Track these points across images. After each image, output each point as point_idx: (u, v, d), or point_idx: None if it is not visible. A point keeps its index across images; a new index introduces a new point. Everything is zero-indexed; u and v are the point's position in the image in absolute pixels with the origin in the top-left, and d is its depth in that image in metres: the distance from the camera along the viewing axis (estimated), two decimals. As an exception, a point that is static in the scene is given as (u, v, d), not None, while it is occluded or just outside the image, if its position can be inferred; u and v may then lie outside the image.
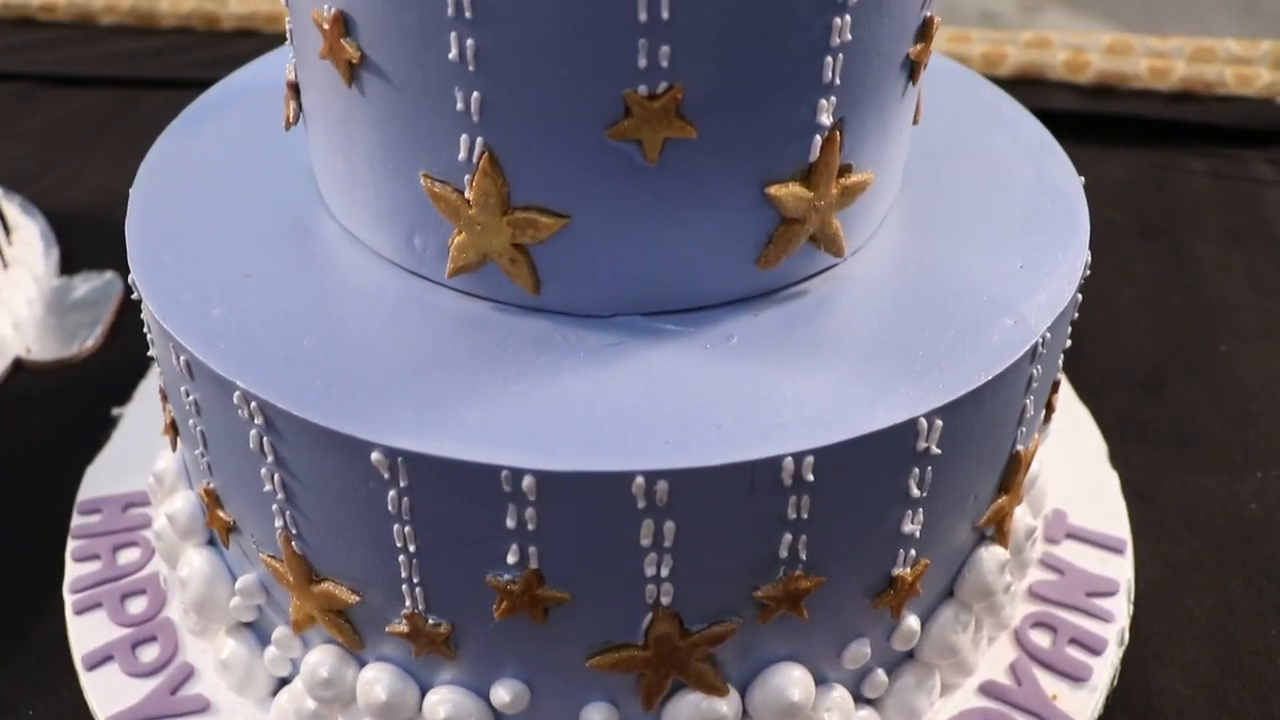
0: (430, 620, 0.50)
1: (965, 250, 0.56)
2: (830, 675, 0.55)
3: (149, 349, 0.78)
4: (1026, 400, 0.53)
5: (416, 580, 0.49)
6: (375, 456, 0.44)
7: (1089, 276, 0.57)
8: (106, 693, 0.62)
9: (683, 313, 0.51)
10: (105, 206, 1.05)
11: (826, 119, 0.47)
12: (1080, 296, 0.57)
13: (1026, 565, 0.66)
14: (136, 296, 0.54)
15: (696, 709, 0.51)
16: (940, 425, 0.47)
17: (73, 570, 0.69)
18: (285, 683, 0.59)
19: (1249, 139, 1.15)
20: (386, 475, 0.45)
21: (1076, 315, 0.57)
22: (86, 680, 0.63)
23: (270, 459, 0.49)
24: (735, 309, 0.51)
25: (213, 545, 0.60)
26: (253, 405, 0.47)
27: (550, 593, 0.47)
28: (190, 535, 0.60)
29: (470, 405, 0.46)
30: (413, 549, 0.47)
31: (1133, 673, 0.65)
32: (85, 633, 0.65)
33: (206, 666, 0.62)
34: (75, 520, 0.72)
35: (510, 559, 0.46)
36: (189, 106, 0.66)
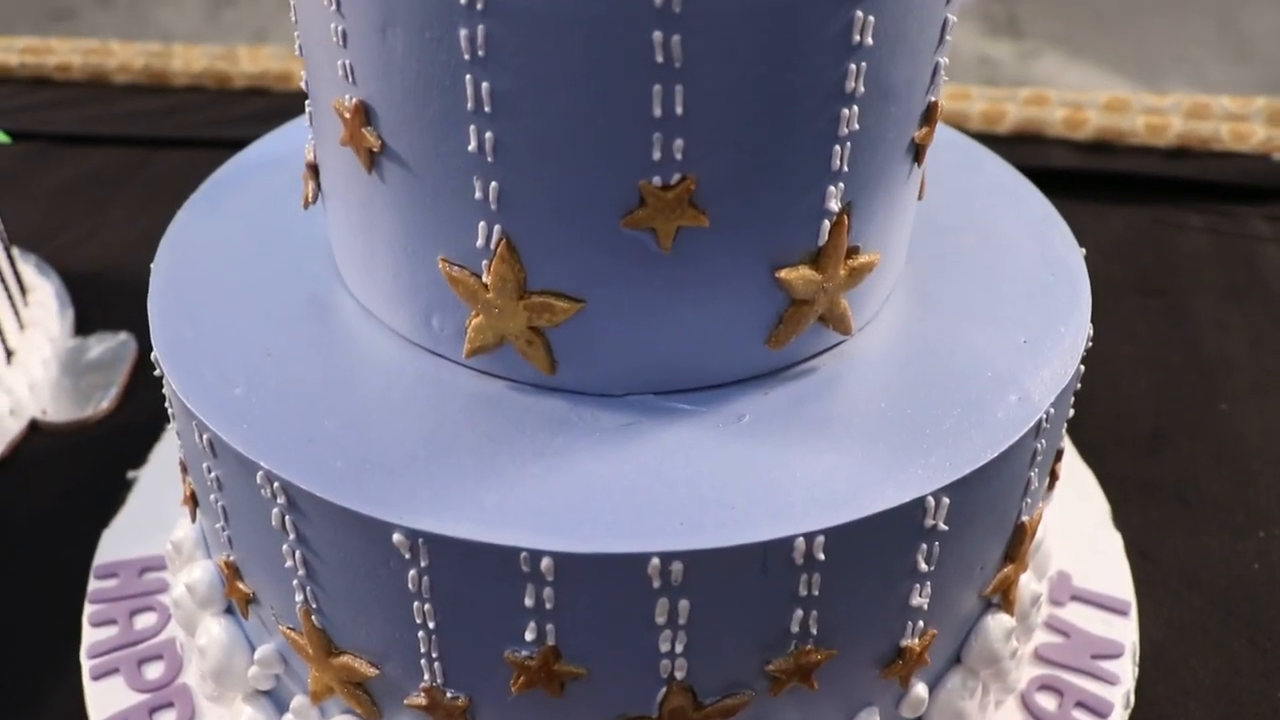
0: (448, 694, 0.51)
1: (969, 325, 0.57)
2: (840, 743, 0.56)
3: (164, 412, 0.79)
4: (1031, 473, 0.55)
5: (435, 655, 0.49)
6: (397, 537, 0.45)
7: (1091, 334, 0.58)
8: (124, 759, 0.63)
9: (695, 391, 0.52)
10: (119, 266, 1.07)
11: (835, 204, 0.49)
12: (1083, 368, 0.58)
13: (1032, 629, 0.67)
14: (159, 373, 0.56)
15: (709, 779, 0.52)
16: (947, 502, 0.48)
17: (90, 635, 0.69)
18: (302, 751, 0.60)
19: (1246, 195, 1.17)
20: (407, 555, 0.46)
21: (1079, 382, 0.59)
22: (105, 746, 0.63)
23: (292, 536, 0.50)
24: (746, 387, 0.52)
25: (231, 614, 0.61)
26: (275, 485, 0.48)
27: (567, 668, 0.48)
28: (209, 604, 0.61)
29: (489, 487, 0.47)
30: (432, 625, 0.48)
31: (1139, 736, 0.66)
32: (103, 698, 0.65)
33: (224, 733, 0.63)
34: (92, 585, 0.73)
35: (528, 635, 0.47)
36: (207, 180, 0.68)
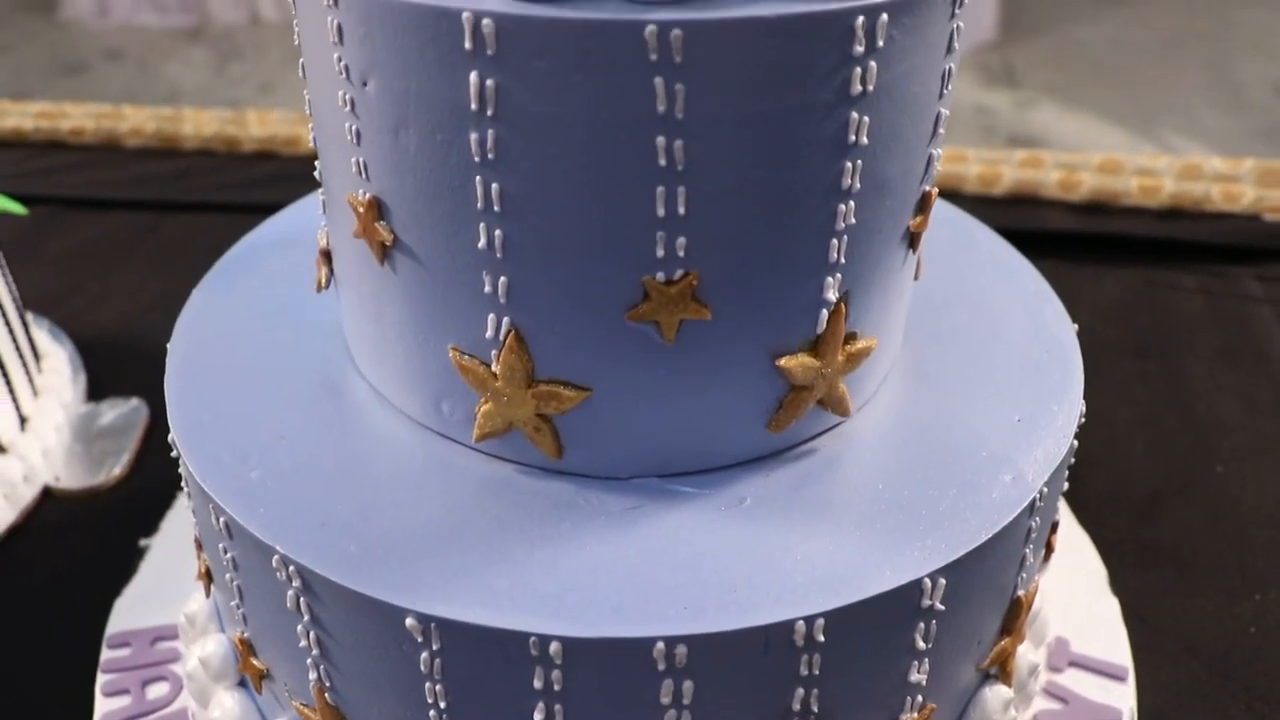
0: (459, 771, 0.52)
1: (965, 403, 0.59)
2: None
3: (175, 479, 0.80)
4: (1026, 549, 0.56)
5: (446, 733, 0.51)
6: (409, 622, 0.47)
7: (1089, 396, 0.59)
8: (138, 832, 0.64)
9: (698, 474, 0.53)
10: (130, 331, 1.09)
11: (833, 295, 0.50)
12: (1077, 442, 0.59)
13: (1031, 698, 0.68)
14: (176, 454, 0.57)
15: None
16: (943, 583, 0.50)
17: (103, 705, 0.70)
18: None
19: (1238, 255, 1.19)
20: (420, 638, 0.47)
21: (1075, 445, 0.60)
22: (118, 819, 0.64)
23: (307, 617, 0.51)
24: (748, 469, 0.54)
25: (244, 687, 0.63)
26: (291, 569, 0.50)
27: (575, 747, 0.49)
28: (222, 678, 0.62)
29: (499, 572, 0.48)
30: (443, 705, 0.50)
31: (1139, 804, 0.67)
32: (116, 769, 0.67)
33: (236, 804, 0.64)
34: (105, 654, 0.74)
35: (537, 716, 0.48)
36: (221, 259, 0.69)
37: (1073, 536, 0.83)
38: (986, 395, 0.59)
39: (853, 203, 0.48)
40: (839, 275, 0.50)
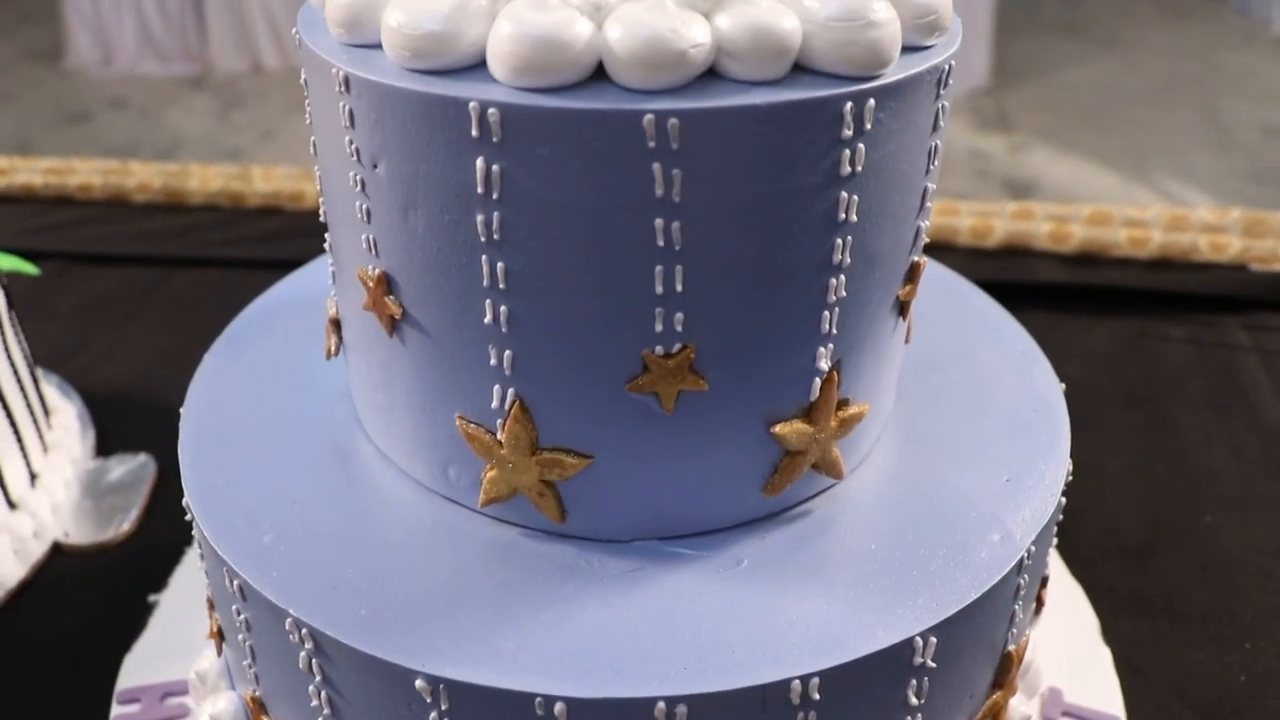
0: (465, 826, 0.53)
1: (955, 464, 0.60)
2: None
3: (183, 535, 0.81)
4: (1015, 605, 0.58)
5: (455, 791, 0.52)
6: (419, 683, 0.48)
7: (1080, 446, 0.61)
8: None
9: (697, 536, 0.55)
10: (138, 386, 1.10)
11: (825, 364, 0.52)
12: (1064, 500, 0.61)
13: (1024, 749, 0.70)
14: (190, 518, 0.59)
15: None
16: (935, 641, 0.51)
17: (114, 761, 0.72)
18: None
19: (1225, 305, 1.21)
20: (429, 699, 0.49)
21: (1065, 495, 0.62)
22: None
23: (318, 678, 0.53)
24: (744, 531, 0.56)
25: (254, 744, 0.64)
26: (304, 631, 0.51)
27: (579, 804, 0.51)
28: (233, 735, 0.64)
29: (505, 635, 0.50)
30: (452, 763, 0.51)
31: None
32: (127, 825, 0.68)
33: None
34: (115, 710, 0.75)
35: (542, 774, 0.50)
36: (232, 324, 0.72)
37: (1065, 587, 0.85)
38: (976, 456, 0.61)
39: (843, 276, 0.50)
40: (831, 345, 0.52)
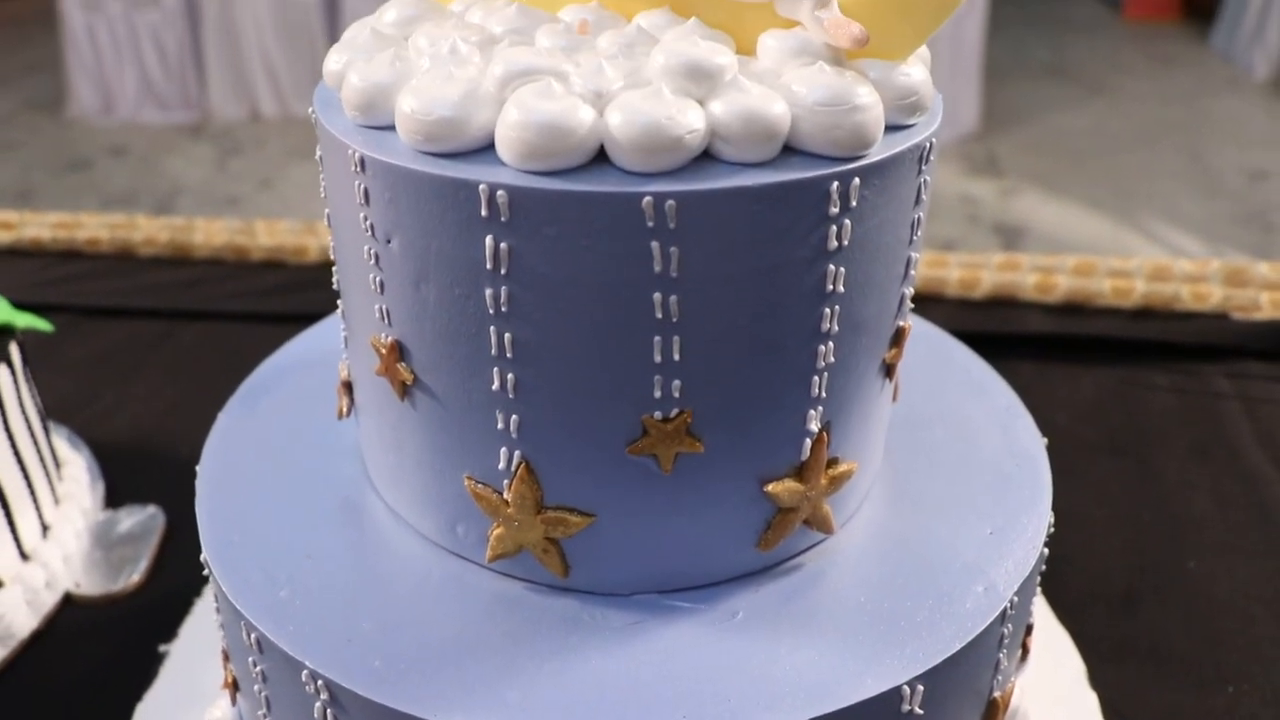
0: None
1: (940, 518, 0.63)
2: None
3: (192, 586, 0.83)
4: (1000, 654, 0.60)
5: (463, 833, 0.54)
6: (430, 733, 0.51)
7: (1066, 495, 0.63)
8: None
9: (694, 590, 0.58)
10: (146, 438, 1.13)
11: (815, 425, 0.55)
12: (1047, 551, 0.64)
13: (1012, 794, 0.72)
14: (208, 572, 0.61)
15: None
16: (921, 689, 0.54)
17: (126, 810, 0.74)
18: None
19: (1207, 354, 1.24)
20: (439, 748, 0.51)
21: (1051, 538, 0.64)
22: None
23: (332, 728, 0.55)
24: (739, 584, 0.58)
25: (266, 792, 0.66)
26: (319, 682, 0.54)
27: None
28: (246, 783, 0.66)
29: (510, 685, 0.52)
30: (459, 810, 0.53)
31: None
32: None
33: None
34: (127, 759, 0.77)
35: (546, 820, 0.52)
36: (245, 383, 0.74)
37: (1052, 633, 0.87)
38: (961, 509, 0.64)
39: (832, 343, 0.53)
40: (821, 408, 0.55)
